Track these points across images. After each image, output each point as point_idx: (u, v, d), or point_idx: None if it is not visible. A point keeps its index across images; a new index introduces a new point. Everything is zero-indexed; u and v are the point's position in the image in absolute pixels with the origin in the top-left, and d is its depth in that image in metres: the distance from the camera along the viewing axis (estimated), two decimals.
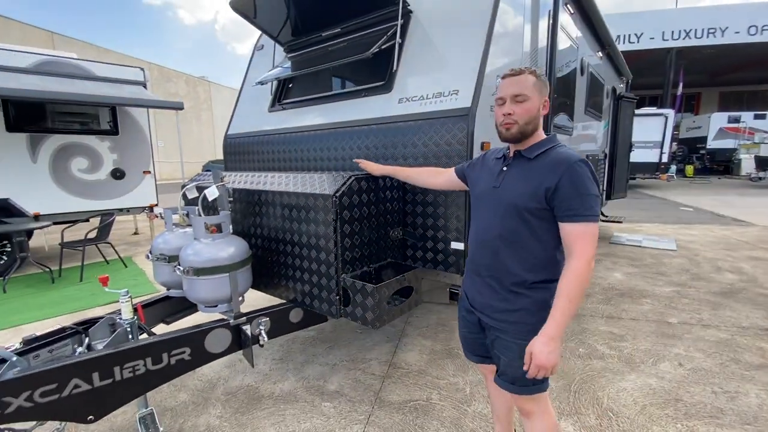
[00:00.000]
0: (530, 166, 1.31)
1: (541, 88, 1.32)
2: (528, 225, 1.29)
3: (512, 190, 1.32)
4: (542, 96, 1.32)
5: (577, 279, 1.20)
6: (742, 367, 2.60)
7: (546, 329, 1.22)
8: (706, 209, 9.71)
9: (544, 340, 1.21)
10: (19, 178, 5.15)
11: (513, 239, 1.32)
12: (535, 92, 1.30)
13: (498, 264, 1.36)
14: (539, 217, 1.28)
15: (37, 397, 1.46)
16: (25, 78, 4.95)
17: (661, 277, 4.47)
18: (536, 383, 1.35)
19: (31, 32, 17.49)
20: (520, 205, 1.29)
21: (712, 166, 20.62)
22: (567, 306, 1.20)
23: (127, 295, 1.83)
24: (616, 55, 5.54)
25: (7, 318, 3.58)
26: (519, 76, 1.31)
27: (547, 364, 1.20)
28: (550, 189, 1.24)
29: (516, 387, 1.37)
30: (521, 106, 1.29)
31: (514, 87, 1.30)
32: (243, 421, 2.14)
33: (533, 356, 1.22)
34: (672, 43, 17.78)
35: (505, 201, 1.33)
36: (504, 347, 1.37)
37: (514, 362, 1.34)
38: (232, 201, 2.30)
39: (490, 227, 1.37)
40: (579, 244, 1.21)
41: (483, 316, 1.42)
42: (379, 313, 1.77)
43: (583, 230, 1.21)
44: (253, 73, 3.49)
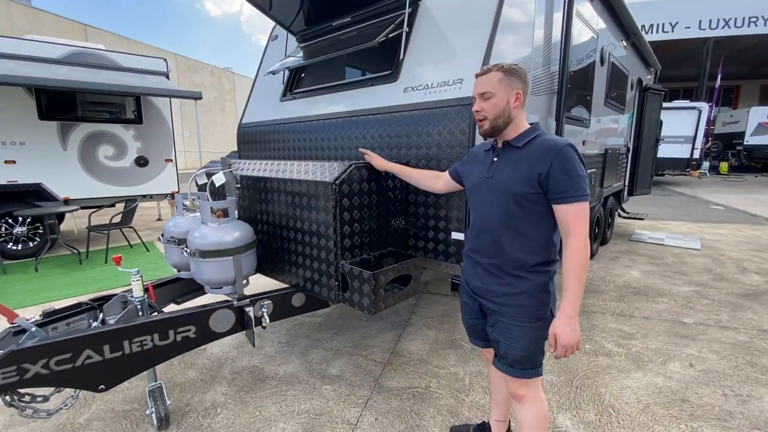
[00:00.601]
0: (520, 154, 1.37)
1: (510, 81, 1.36)
2: (524, 209, 1.35)
3: (506, 178, 1.38)
4: (511, 89, 1.36)
5: (579, 255, 1.28)
6: (758, 370, 2.50)
7: (563, 310, 1.28)
8: (738, 208, 9.25)
9: (564, 321, 1.28)
10: (50, 164, 5.43)
11: (511, 224, 1.37)
12: (500, 88, 1.35)
13: (498, 250, 1.40)
14: (533, 201, 1.33)
15: (53, 365, 1.57)
16: (56, 68, 5.19)
17: (681, 277, 4.32)
18: (534, 367, 1.42)
19: (65, 25, 18.22)
20: (516, 191, 1.34)
21: (749, 163, 19.51)
22: (577, 286, 1.28)
23: (138, 274, 1.93)
24: (642, 45, 5.30)
25: (37, 295, 3.82)
26: (486, 74, 1.39)
27: (571, 342, 1.27)
28: (542, 174, 1.29)
29: (515, 370, 1.42)
30: (488, 103, 1.37)
31: (481, 85, 1.39)
32: (246, 399, 2.23)
33: (558, 337, 1.28)
34: (710, 33, 16.80)
35: (499, 189, 1.39)
36: (504, 330, 1.42)
37: (515, 344, 1.40)
38: (239, 188, 2.37)
39: (489, 215, 1.42)
40: (574, 223, 1.28)
41: (484, 301, 1.48)
42: (375, 300, 1.80)
43: (577, 210, 1.28)
44: (267, 63, 3.55)
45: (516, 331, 1.39)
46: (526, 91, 1.39)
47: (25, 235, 5.17)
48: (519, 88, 1.37)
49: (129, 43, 21.09)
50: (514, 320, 1.38)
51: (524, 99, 1.39)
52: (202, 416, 2.09)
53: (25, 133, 5.23)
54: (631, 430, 1.96)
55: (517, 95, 1.36)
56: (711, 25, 16.73)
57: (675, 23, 16.95)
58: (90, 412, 2.13)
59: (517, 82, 1.37)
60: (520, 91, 1.37)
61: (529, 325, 1.38)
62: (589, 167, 3.91)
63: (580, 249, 1.28)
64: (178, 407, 2.16)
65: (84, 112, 5.75)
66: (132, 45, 20.95)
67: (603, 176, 4.48)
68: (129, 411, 2.13)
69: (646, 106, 5.87)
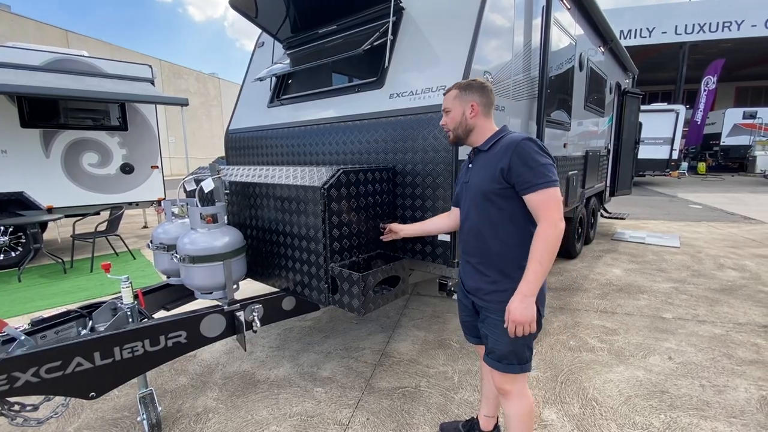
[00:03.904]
0: (487, 156, 1.48)
1: (463, 97, 1.50)
2: (497, 206, 1.43)
3: (477, 179, 1.50)
4: (465, 103, 1.50)
5: (545, 241, 1.31)
6: (734, 362, 2.61)
7: (520, 288, 1.34)
8: (716, 207, 9.56)
9: (518, 298, 1.33)
10: (33, 172, 5.34)
11: (488, 222, 1.46)
12: (456, 103, 1.51)
13: (482, 249, 1.49)
14: (503, 196, 1.41)
15: (43, 373, 1.56)
16: (38, 75, 5.13)
17: (660, 274, 4.47)
18: (521, 362, 1.46)
19: (47, 31, 17.89)
20: (485, 189, 1.45)
21: (725, 163, 20.19)
22: (537, 267, 1.31)
23: (128, 281, 1.93)
24: (619, 50, 5.49)
25: (22, 306, 3.75)
26: (447, 93, 1.56)
27: (521, 319, 1.32)
28: (504, 169, 1.38)
29: (502, 365, 1.47)
30: (448, 117, 1.55)
31: (444, 103, 1.57)
32: (238, 403, 2.24)
33: (510, 313, 1.34)
34: (685, 37, 17.42)
35: (473, 190, 1.51)
36: (492, 325, 1.48)
37: (501, 339, 1.45)
38: (228, 193, 2.39)
39: (468, 215, 1.55)
40: (542, 210, 1.33)
41: (475, 299, 1.56)
42: (364, 301, 1.84)
43: (543, 197, 1.32)
44: (254, 70, 3.58)
45: (501, 325, 1.43)
46: (486, 101, 1.50)
47: (7, 245, 5.06)
48: (475, 101, 1.49)
49: (112, 48, 20.80)
50: (500, 316, 1.43)
51: (485, 108, 1.50)
52: (193, 422, 2.10)
53: (6, 141, 5.14)
54: (614, 422, 2.04)
55: (472, 107, 1.49)
56: (687, 30, 17.35)
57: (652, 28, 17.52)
58: (80, 420, 2.11)
59: (473, 95, 1.49)
60: (476, 102, 1.48)
61: None
62: (570, 169, 4.03)
63: (547, 236, 1.31)
64: (170, 413, 2.16)
65: (67, 120, 5.68)
66: (115, 51, 20.66)
67: (585, 177, 4.62)
68: (120, 419, 2.12)
69: (624, 109, 6.07)
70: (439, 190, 2.16)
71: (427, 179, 2.20)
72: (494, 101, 1.53)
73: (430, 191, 2.19)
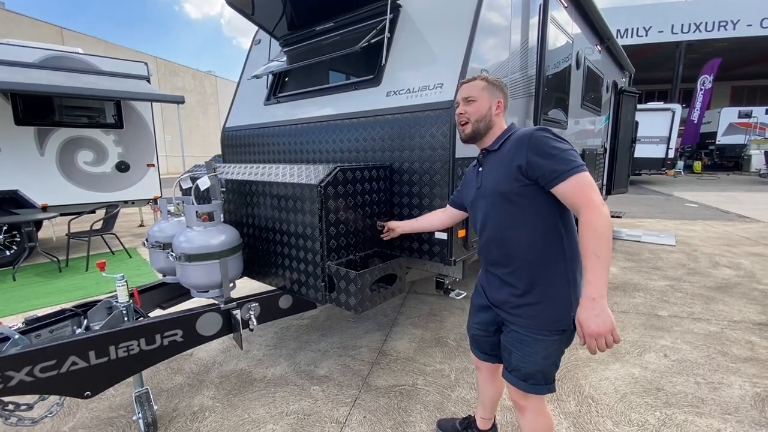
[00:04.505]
0: (498, 156, 1.40)
1: (492, 90, 1.44)
2: (519, 206, 1.31)
3: (491, 181, 1.39)
4: (493, 97, 1.44)
5: (594, 231, 1.12)
6: (729, 359, 2.63)
7: (585, 293, 1.13)
8: (711, 205, 9.62)
9: (587, 305, 1.12)
10: (27, 170, 5.30)
11: (512, 225, 1.32)
12: (484, 94, 1.43)
13: (508, 256, 1.35)
14: (524, 195, 1.29)
15: (37, 372, 1.55)
16: (32, 72, 5.08)
17: (656, 272, 4.49)
18: (548, 382, 1.35)
19: (41, 28, 17.74)
20: (502, 190, 1.33)
21: (721, 162, 20.32)
22: (596, 261, 1.11)
23: (123, 279, 1.92)
24: (616, 49, 5.50)
25: (17, 305, 3.72)
26: (471, 82, 1.47)
27: (597, 329, 1.09)
28: (522, 166, 1.26)
29: (527, 384, 1.34)
30: (471, 106, 1.44)
31: (466, 91, 1.46)
32: (235, 402, 2.24)
33: (582, 325, 1.12)
34: (681, 37, 17.50)
35: (488, 193, 1.40)
36: (519, 341, 1.35)
37: (529, 358, 1.32)
38: (224, 191, 2.38)
39: (486, 220, 1.42)
40: (579, 197, 1.17)
41: (501, 312, 1.42)
42: (361, 299, 1.84)
43: (576, 183, 1.17)
44: (250, 67, 3.56)
45: (532, 343, 1.31)
46: (506, 104, 1.47)
47: (2, 244, 5.02)
48: (501, 98, 1.45)
49: (107, 46, 20.66)
50: (530, 332, 1.31)
51: (504, 110, 1.46)
52: (190, 420, 2.09)
53: (0, 138, 5.09)
54: (609, 419, 2.05)
55: (498, 103, 1.44)
56: (683, 29, 17.42)
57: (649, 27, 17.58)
58: (75, 419, 2.10)
59: (499, 92, 1.45)
60: (502, 100, 1.45)
61: (546, 338, 1.30)
62: None
63: (592, 222, 1.12)
64: (166, 412, 2.15)
65: (62, 117, 5.64)
66: (110, 48, 20.52)
67: None
68: (115, 418, 2.11)
69: (621, 107, 6.08)
70: (436, 188, 2.16)
71: (424, 177, 2.20)
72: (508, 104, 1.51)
73: (428, 189, 2.19)
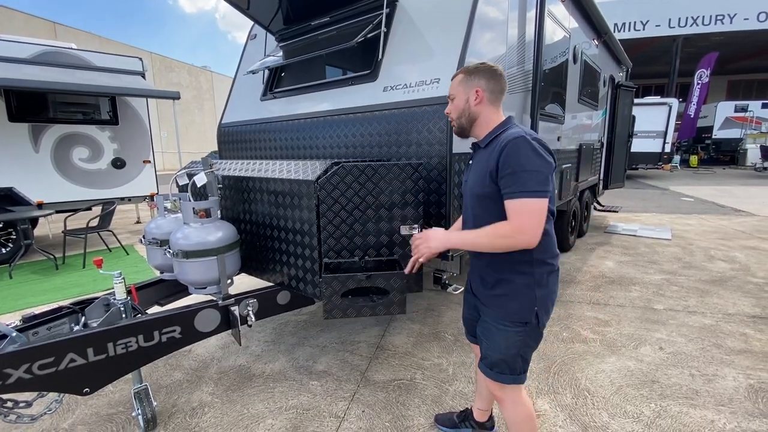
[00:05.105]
0: (483, 154, 1.37)
1: (468, 81, 1.37)
2: (490, 210, 1.32)
3: (471, 181, 1.41)
4: (469, 89, 1.37)
5: (492, 233, 1.25)
6: (723, 351, 2.66)
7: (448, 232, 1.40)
8: (707, 199, 9.67)
9: (437, 234, 1.39)
10: (22, 167, 5.26)
11: (484, 222, 1.33)
12: (460, 89, 1.40)
13: (482, 253, 1.39)
14: (492, 198, 1.30)
15: (35, 370, 1.55)
16: (25, 68, 5.03)
17: (652, 266, 4.52)
18: (513, 373, 1.39)
19: (34, 23, 17.53)
20: (477, 192, 1.36)
21: (717, 156, 20.41)
22: (471, 238, 1.31)
23: (120, 276, 1.92)
24: (613, 43, 5.50)
25: (14, 302, 3.71)
26: (453, 78, 1.45)
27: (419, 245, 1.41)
28: (492, 172, 1.26)
29: (493, 373, 1.41)
30: (452, 105, 1.44)
31: (449, 89, 1.46)
32: (234, 397, 2.25)
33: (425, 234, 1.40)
34: (679, 31, 17.46)
35: (468, 192, 1.44)
36: (486, 330, 1.42)
37: (493, 346, 1.40)
38: (221, 188, 2.38)
39: (468, 219, 1.46)
40: (514, 218, 1.22)
41: (476, 301, 1.50)
42: (329, 306, 1.77)
43: (518, 207, 1.20)
44: (246, 62, 3.54)
45: (495, 332, 1.38)
46: (494, 87, 1.35)
47: None
48: (480, 86, 1.35)
49: (101, 41, 20.44)
50: (495, 321, 1.38)
51: (492, 95, 1.36)
52: (189, 416, 2.10)
53: None
54: (605, 411, 2.07)
55: (476, 93, 1.35)
56: (680, 23, 17.38)
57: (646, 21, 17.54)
58: (74, 416, 2.11)
59: (479, 79, 1.35)
60: (482, 88, 1.35)
61: (509, 328, 1.36)
62: (564, 162, 4.05)
63: (497, 230, 1.23)
64: (165, 408, 2.16)
65: (56, 114, 5.59)
66: (104, 43, 20.31)
67: (578, 171, 4.64)
68: (114, 414, 2.12)
69: (618, 102, 6.09)
70: (433, 184, 2.16)
71: None
72: (505, 88, 1.37)
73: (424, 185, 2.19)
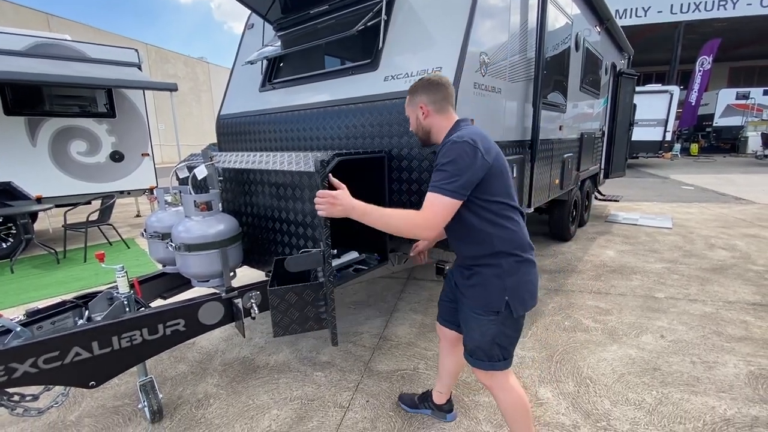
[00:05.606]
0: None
1: (411, 101, 1.50)
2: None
3: None
4: (414, 107, 1.49)
5: (400, 216, 1.31)
6: (723, 339, 2.67)
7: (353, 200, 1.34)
8: (708, 188, 9.66)
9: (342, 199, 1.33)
10: (20, 161, 5.23)
11: (449, 226, 1.41)
12: (409, 110, 1.53)
13: (454, 245, 1.52)
14: None
15: (41, 364, 1.56)
16: (20, 60, 4.96)
17: (653, 254, 4.53)
18: (491, 360, 1.44)
19: (26, 14, 17.25)
20: None
21: (718, 144, 20.32)
22: (378, 215, 1.32)
23: (123, 270, 1.92)
24: (615, 30, 5.42)
25: (16, 297, 3.72)
26: None
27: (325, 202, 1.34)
28: None
29: (472, 360, 1.49)
30: (410, 124, 1.56)
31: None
32: (239, 389, 2.27)
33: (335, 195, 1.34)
34: (681, 17, 17.22)
35: None
36: (464, 318, 1.51)
37: (469, 334, 1.48)
38: (222, 180, 2.36)
39: None
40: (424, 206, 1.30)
41: (456, 291, 1.58)
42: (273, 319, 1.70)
43: (430, 200, 1.30)
44: (244, 53, 3.48)
45: (470, 320, 1.46)
46: (435, 98, 1.43)
47: None
48: (422, 102, 1.45)
49: (95, 32, 20.15)
50: (471, 310, 1.45)
51: (436, 105, 1.43)
52: (195, 407, 2.11)
53: None
54: (607, 399, 2.09)
55: (421, 108, 1.46)
56: (682, 9, 17.13)
57: (647, 8, 17.28)
58: (81, 409, 2.13)
59: (419, 96, 1.46)
60: (424, 103, 1.44)
61: (482, 316, 1.42)
62: (565, 152, 4.03)
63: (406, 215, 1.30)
64: (171, 400, 2.18)
65: (52, 107, 5.54)
66: (98, 34, 20.03)
67: (579, 160, 4.62)
68: (120, 406, 2.14)
69: (620, 90, 6.03)
70: None
71: (423, 163, 2.18)
72: (449, 94, 1.44)
73: (426, 176, 2.18)
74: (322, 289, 1.71)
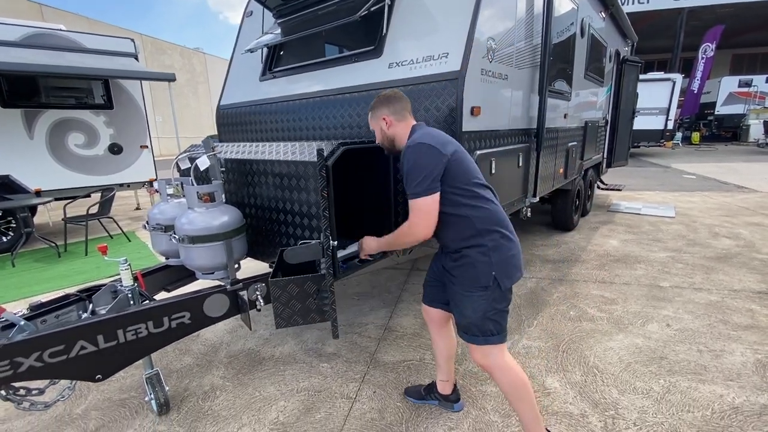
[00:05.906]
0: None
1: (374, 114, 1.65)
2: None
3: None
4: (377, 120, 1.64)
5: (399, 233, 1.56)
6: (730, 327, 2.67)
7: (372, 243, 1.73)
8: (710, 176, 9.62)
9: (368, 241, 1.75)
10: (18, 154, 5.17)
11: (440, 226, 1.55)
12: (373, 123, 1.69)
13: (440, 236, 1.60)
14: None
15: (46, 358, 1.54)
16: (15, 51, 4.87)
17: (657, 244, 4.51)
18: (484, 335, 1.52)
19: (18, 3, 16.95)
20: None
21: (719, 132, 20.19)
22: (390, 239, 1.63)
23: (126, 263, 1.89)
24: (620, 16, 5.33)
25: (18, 290, 3.70)
26: None
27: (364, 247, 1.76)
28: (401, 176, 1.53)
29: (468, 336, 1.56)
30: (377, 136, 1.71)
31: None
32: (245, 381, 2.26)
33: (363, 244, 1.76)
34: (684, 3, 17.00)
35: None
36: (455, 297, 1.58)
37: (462, 311, 1.55)
38: (224, 171, 2.32)
39: None
40: (410, 215, 1.49)
41: (444, 272, 1.65)
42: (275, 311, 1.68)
43: (411, 206, 1.47)
44: (243, 41, 3.42)
45: (461, 298, 1.53)
46: (395, 109, 1.59)
47: None
48: (384, 114, 1.60)
49: (90, 22, 19.85)
50: (461, 288, 1.52)
51: (396, 114, 1.59)
52: (202, 399, 2.11)
53: None
54: (615, 388, 2.08)
55: (385, 120, 1.61)
56: None
57: None
58: (87, 402, 2.12)
59: (381, 110, 1.61)
60: (386, 114, 1.60)
61: (473, 294, 1.49)
62: (569, 141, 3.98)
63: (402, 231, 1.53)
64: (177, 392, 2.17)
65: (49, 98, 5.46)
66: (93, 24, 19.73)
67: (583, 149, 4.57)
68: (127, 399, 2.13)
69: (623, 78, 5.96)
70: None
71: None
72: (406, 103, 1.60)
73: None
74: (323, 280, 1.69)
